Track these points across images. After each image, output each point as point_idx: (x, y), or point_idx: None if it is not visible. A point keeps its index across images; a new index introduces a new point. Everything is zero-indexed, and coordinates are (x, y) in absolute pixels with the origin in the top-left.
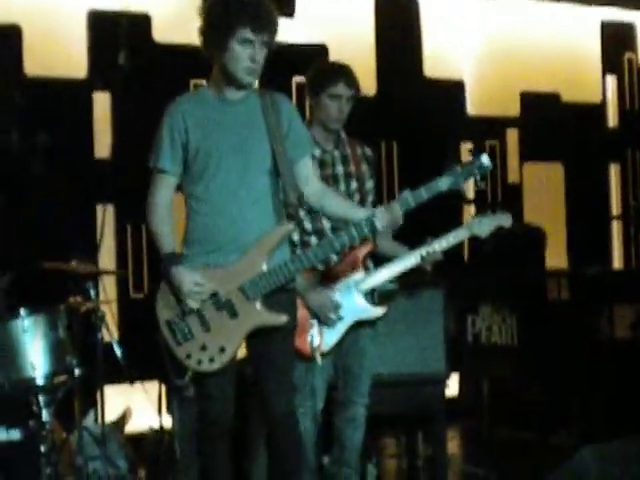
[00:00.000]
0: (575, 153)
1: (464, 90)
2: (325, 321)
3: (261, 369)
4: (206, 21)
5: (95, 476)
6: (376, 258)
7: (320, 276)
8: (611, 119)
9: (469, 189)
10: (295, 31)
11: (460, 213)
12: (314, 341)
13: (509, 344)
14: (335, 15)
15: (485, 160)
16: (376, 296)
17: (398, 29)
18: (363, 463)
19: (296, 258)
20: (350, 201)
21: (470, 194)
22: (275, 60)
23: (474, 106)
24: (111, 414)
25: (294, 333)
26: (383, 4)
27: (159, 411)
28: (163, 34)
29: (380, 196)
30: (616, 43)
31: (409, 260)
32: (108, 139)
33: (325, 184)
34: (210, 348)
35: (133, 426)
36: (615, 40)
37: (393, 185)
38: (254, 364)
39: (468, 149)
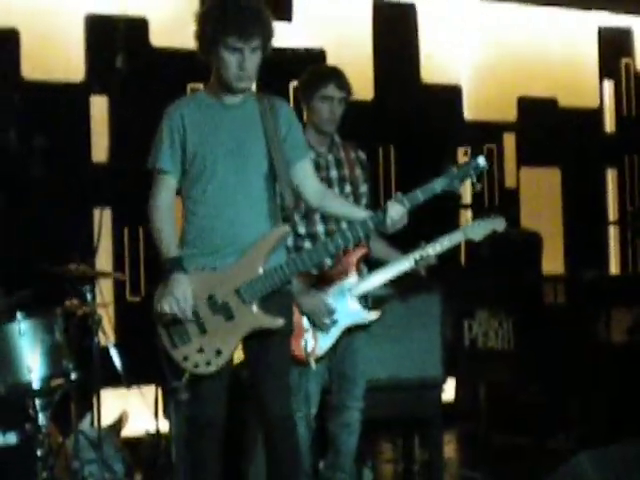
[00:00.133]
0: (572, 158)
1: (461, 95)
2: (319, 326)
3: (258, 372)
4: (198, 29)
5: None
6: (370, 262)
7: (314, 280)
8: (608, 124)
9: (466, 193)
10: (293, 36)
11: (457, 217)
12: (308, 346)
13: (506, 349)
14: (333, 20)
15: (481, 161)
16: (370, 301)
17: (396, 34)
18: (359, 468)
19: (291, 261)
20: (349, 202)
21: (467, 198)
22: (273, 65)
23: (471, 111)
24: (107, 418)
25: (290, 336)
26: (381, 9)
27: (155, 415)
28: (160, 38)
29: (377, 201)
30: (613, 48)
31: (403, 264)
32: (105, 142)
33: None
34: (207, 351)
35: (129, 430)
36: (612, 45)
37: (390, 190)
38: (251, 367)
39: (465, 151)
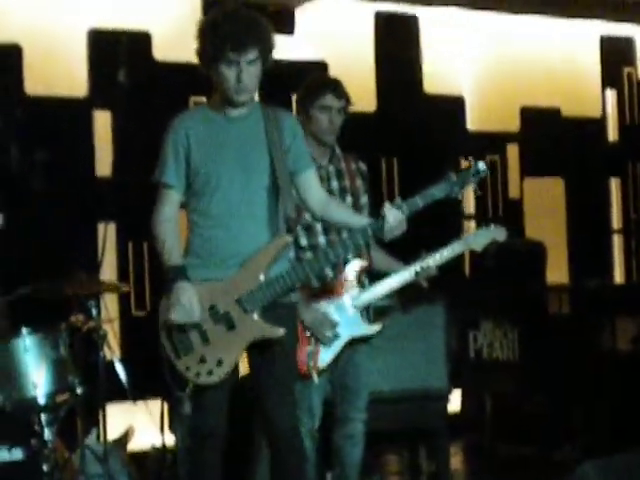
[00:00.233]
0: (575, 168)
1: (464, 106)
2: (321, 339)
3: (263, 385)
4: (197, 45)
5: None
6: (371, 274)
7: (316, 293)
8: (611, 133)
9: (469, 203)
10: (295, 48)
11: (460, 228)
12: (310, 359)
13: (511, 359)
14: (335, 32)
15: (481, 166)
16: (371, 313)
17: (398, 45)
18: None
19: (292, 270)
20: (352, 210)
21: (470, 209)
22: (275, 77)
23: (474, 122)
24: (113, 433)
25: (296, 349)
26: (383, 21)
27: (161, 429)
28: (163, 52)
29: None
30: (615, 58)
31: (404, 276)
32: (109, 157)
33: None
34: (209, 361)
35: (135, 444)
36: (614, 55)
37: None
38: (256, 380)
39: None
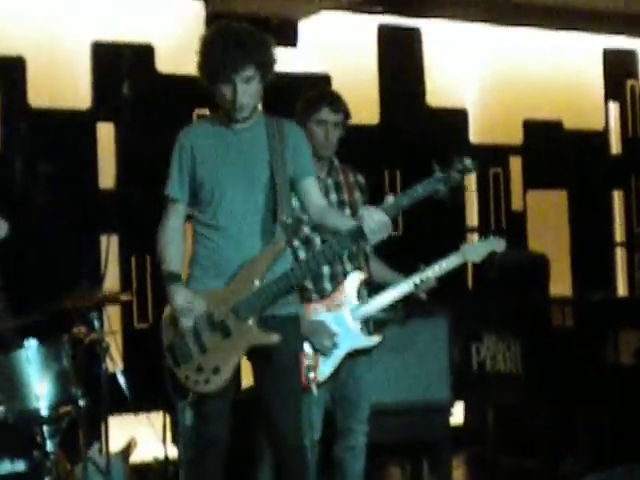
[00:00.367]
0: (578, 180)
1: (467, 118)
2: (321, 349)
3: (267, 398)
4: (197, 64)
5: None
6: (370, 286)
7: (314, 305)
8: (614, 146)
9: (472, 215)
10: (298, 61)
11: (463, 240)
12: (309, 371)
13: (514, 372)
14: (338, 45)
15: (467, 163)
16: (371, 325)
17: (401, 58)
18: None
19: (284, 276)
20: (350, 219)
21: (474, 221)
22: (278, 90)
23: (477, 134)
24: (116, 445)
25: (299, 360)
26: (386, 33)
27: (164, 441)
28: (166, 64)
29: None
30: (618, 70)
31: (403, 288)
32: (112, 169)
33: None
34: (206, 369)
35: (138, 456)
36: (617, 67)
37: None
38: (259, 393)
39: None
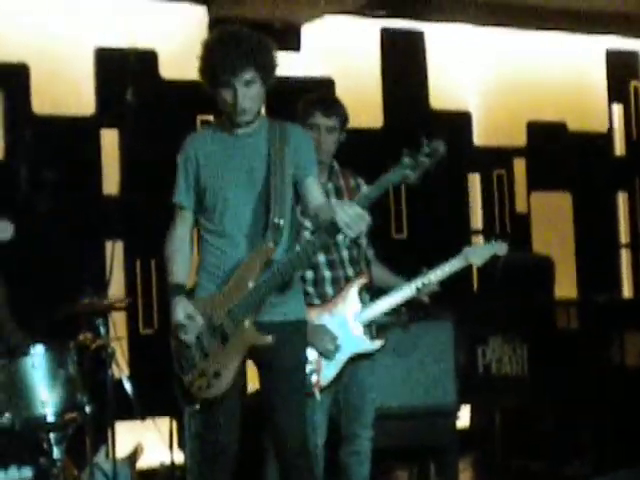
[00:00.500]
0: (582, 182)
1: (471, 121)
2: (323, 352)
3: (271, 403)
4: (198, 70)
5: None
6: (372, 290)
7: (316, 310)
8: (618, 147)
9: (477, 218)
10: (301, 65)
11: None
12: (312, 376)
13: (520, 374)
14: (341, 49)
15: (436, 145)
16: (374, 329)
17: (404, 61)
18: None
19: (272, 275)
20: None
21: (478, 224)
22: (281, 94)
23: (481, 137)
24: (122, 450)
25: (304, 366)
26: (389, 37)
27: (170, 447)
28: (170, 70)
29: (388, 228)
30: (622, 72)
31: (405, 292)
32: (116, 175)
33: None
34: (207, 374)
35: (144, 462)
36: (620, 69)
37: (401, 217)
38: (264, 398)
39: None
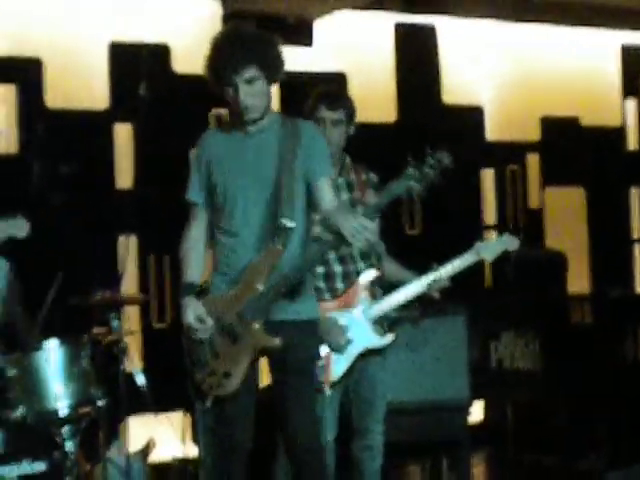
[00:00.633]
0: (596, 177)
1: (484, 116)
2: (334, 346)
3: (282, 400)
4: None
5: None
6: (383, 285)
7: (327, 304)
8: (631, 142)
9: (490, 213)
10: (314, 60)
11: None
12: (322, 372)
13: (532, 369)
14: (354, 43)
15: (441, 156)
16: (385, 324)
17: (417, 56)
18: None
19: (282, 277)
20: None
21: (491, 219)
22: (294, 89)
23: (494, 131)
24: (135, 445)
25: (315, 363)
26: (402, 31)
27: (183, 441)
28: (183, 64)
29: (401, 224)
30: (636, 67)
31: (416, 287)
32: (129, 169)
33: None
34: (218, 373)
35: (157, 456)
36: (635, 64)
37: (413, 211)
38: (275, 395)
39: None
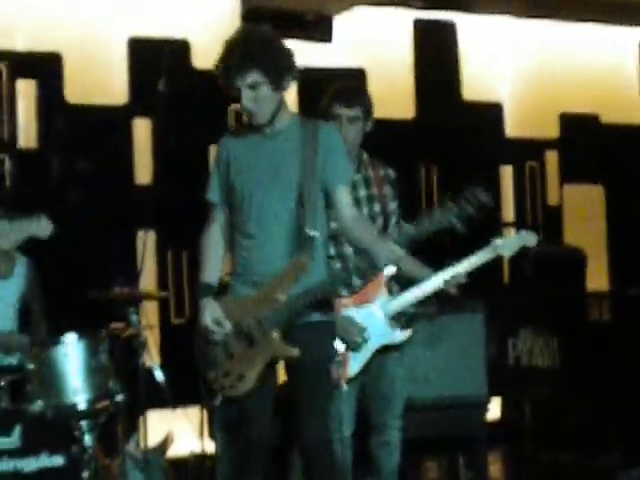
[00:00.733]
0: (615, 174)
1: (503, 112)
2: (351, 344)
3: (294, 397)
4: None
5: None
6: (401, 281)
7: (344, 301)
8: None
9: (508, 211)
10: (333, 56)
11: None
12: (339, 367)
13: (550, 366)
14: (373, 39)
15: (480, 195)
16: (402, 320)
17: (436, 52)
18: None
19: (308, 290)
20: (374, 233)
21: (510, 217)
22: (313, 85)
23: (513, 128)
24: (153, 439)
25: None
26: (421, 27)
27: (201, 436)
28: (202, 60)
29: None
30: None
31: (433, 283)
32: (148, 164)
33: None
34: (232, 375)
35: (175, 451)
36: None
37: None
38: (290, 392)
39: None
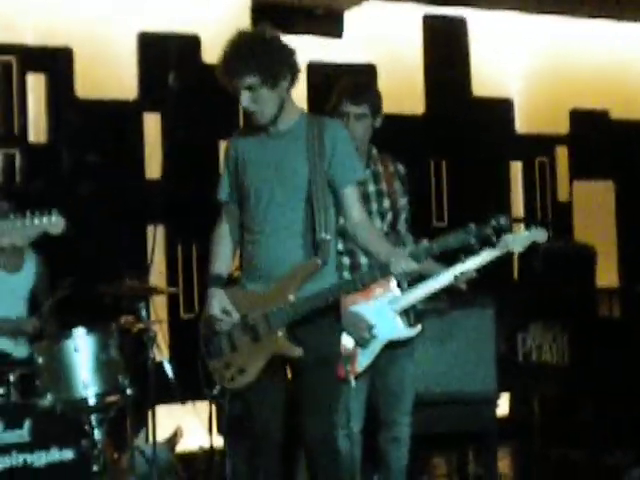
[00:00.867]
0: (625, 170)
1: (513, 108)
2: (358, 341)
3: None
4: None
5: None
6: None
7: (353, 296)
8: None
9: (518, 206)
10: (344, 51)
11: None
12: (347, 363)
13: (560, 362)
14: (383, 35)
15: (502, 221)
16: (411, 315)
17: (446, 48)
18: None
19: (319, 294)
20: (381, 237)
21: (520, 212)
22: (324, 80)
23: (523, 124)
24: (162, 434)
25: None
26: (431, 23)
27: (209, 431)
28: (212, 55)
29: (429, 215)
30: None
31: (443, 279)
32: (158, 159)
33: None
34: (232, 367)
35: (184, 446)
36: None
37: (442, 204)
38: (295, 387)
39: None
